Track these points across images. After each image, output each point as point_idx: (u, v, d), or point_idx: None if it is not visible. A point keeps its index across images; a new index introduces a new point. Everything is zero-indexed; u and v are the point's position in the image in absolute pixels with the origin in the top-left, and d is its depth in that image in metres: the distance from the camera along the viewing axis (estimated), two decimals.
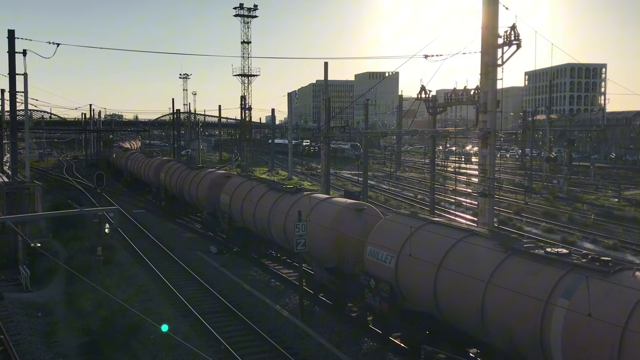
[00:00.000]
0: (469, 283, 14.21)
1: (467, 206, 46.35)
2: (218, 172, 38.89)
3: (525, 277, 13.11)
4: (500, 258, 14.04)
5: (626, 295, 11.07)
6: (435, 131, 32.51)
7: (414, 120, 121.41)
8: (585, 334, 11.32)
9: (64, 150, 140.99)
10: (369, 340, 18.86)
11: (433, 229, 16.86)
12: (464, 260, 14.85)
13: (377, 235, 18.58)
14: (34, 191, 29.64)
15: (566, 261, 12.86)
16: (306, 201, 23.42)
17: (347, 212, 21.16)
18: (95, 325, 19.19)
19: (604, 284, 11.48)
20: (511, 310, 13.13)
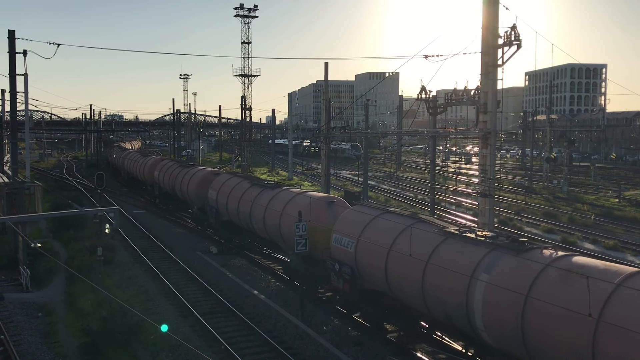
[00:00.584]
0: (412, 263, 16.14)
1: (468, 206, 46.36)
2: (207, 169, 40.23)
3: (456, 256, 15.03)
4: (438, 241, 16.03)
5: (531, 268, 13.09)
6: (435, 131, 32.49)
7: (414, 121, 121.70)
8: (498, 302, 13.34)
9: (64, 150, 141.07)
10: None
11: (388, 217, 18.92)
12: (409, 243, 16.55)
13: (341, 224, 20.41)
14: (34, 191, 29.64)
15: (490, 242, 14.77)
16: (283, 195, 25.73)
17: (318, 205, 23.03)
18: (96, 326, 19.18)
19: (516, 260, 13.60)
20: (444, 285, 15.05)
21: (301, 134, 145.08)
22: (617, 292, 11.28)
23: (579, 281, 11.86)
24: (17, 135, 37.06)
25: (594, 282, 11.45)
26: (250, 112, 79.91)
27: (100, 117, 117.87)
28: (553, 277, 12.59)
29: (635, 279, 11.52)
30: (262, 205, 26.62)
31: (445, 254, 15.43)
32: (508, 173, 77.66)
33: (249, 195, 28.65)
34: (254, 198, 27.91)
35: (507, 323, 13.10)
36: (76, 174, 78.12)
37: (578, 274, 12.11)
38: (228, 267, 28.48)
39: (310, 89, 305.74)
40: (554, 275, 12.60)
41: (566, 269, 12.51)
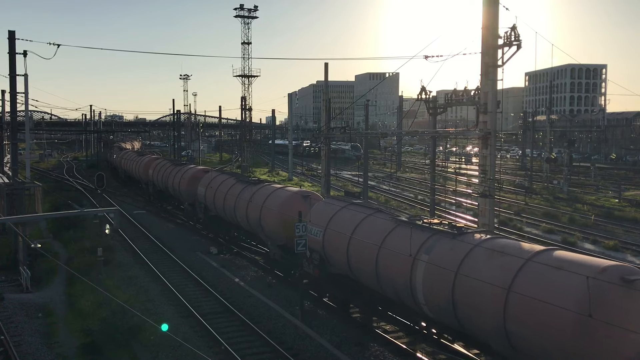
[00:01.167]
0: (368, 248, 18.12)
1: (468, 207, 46.35)
2: (197, 167, 42.62)
3: (404, 241, 16.69)
4: (391, 228, 17.97)
5: (462, 248, 14.98)
6: (435, 132, 32.48)
7: (414, 121, 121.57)
8: (435, 278, 15.25)
9: (64, 151, 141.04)
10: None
11: (352, 208, 21.02)
12: (367, 231, 18.74)
13: (312, 215, 22.51)
14: (34, 192, 29.68)
15: (432, 228, 16.74)
16: (263, 190, 27.95)
17: (294, 198, 25.40)
18: (96, 326, 19.17)
19: (452, 242, 15.53)
20: (393, 266, 16.94)
21: (301, 134, 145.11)
22: (525, 266, 13.11)
23: (497, 258, 13.82)
24: (17, 135, 37.04)
25: (509, 258, 13.39)
26: (250, 112, 80.00)
27: (101, 118, 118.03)
28: (478, 255, 14.49)
29: (542, 255, 13.31)
30: (245, 199, 28.72)
31: (395, 239, 17.33)
32: (508, 173, 77.67)
33: (234, 191, 30.71)
34: (238, 193, 29.97)
35: (441, 297, 15.06)
36: (76, 174, 78.12)
37: (497, 251, 14.01)
38: (228, 268, 28.49)
39: (310, 90, 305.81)
40: (479, 254, 14.51)
41: (490, 248, 14.43)
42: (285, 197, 25.73)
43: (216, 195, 32.73)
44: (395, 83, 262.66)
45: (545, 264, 12.83)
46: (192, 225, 39.31)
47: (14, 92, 31.11)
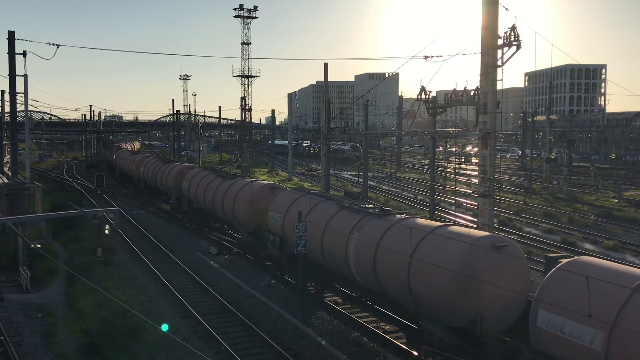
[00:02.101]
0: (316, 229, 21.16)
1: (468, 207, 46.35)
2: (183, 164, 46.14)
3: (343, 222, 20.20)
4: (334, 212, 21.25)
5: (383, 226, 18.23)
6: (435, 132, 32.49)
7: (414, 121, 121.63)
8: (362, 251, 18.44)
9: (64, 151, 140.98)
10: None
11: (307, 197, 23.90)
12: (315, 215, 21.92)
13: (275, 204, 25.89)
14: (34, 192, 29.63)
15: (365, 210, 20.11)
16: (238, 184, 31.46)
17: (262, 190, 29.02)
18: (96, 326, 19.16)
19: (378, 221, 18.78)
20: (334, 243, 20.22)
21: (301, 134, 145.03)
22: (425, 237, 16.36)
23: (406, 232, 16.75)
24: (17, 136, 37.01)
25: (415, 232, 16.57)
26: (250, 112, 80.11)
27: (100, 118, 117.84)
28: (394, 231, 17.69)
29: (439, 229, 16.71)
30: (222, 192, 32.33)
31: (336, 221, 20.65)
32: (508, 173, 77.66)
33: (213, 184, 34.29)
34: (216, 187, 33.58)
35: (367, 266, 18.27)
36: (76, 174, 78.11)
37: (407, 227, 17.02)
38: (228, 268, 28.49)
39: (310, 90, 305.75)
40: (394, 230, 17.73)
41: (403, 225, 17.61)
42: (255, 189, 29.18)
43: (198, 189, 36.36)
44: (395, 83, 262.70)
45: (439, 235, 16.27)
46: (195, 227, 39.38)
47: (14, 92, 31.08)
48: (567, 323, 12.02)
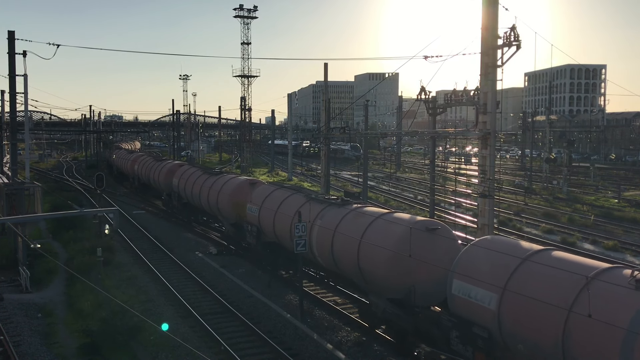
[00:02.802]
0: (286, 219, 23.63)
1: (468, 207, 46.35)
2: (174, 162, 48.92)
3: (308, 211, 22.27)
4: (302, 203, 23.45)
5: (341, 214, 20.72)
6: (435, 132, 32.48)
7: (414, 121, 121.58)
8: (322, 235, 20.91)
9: (63, 151, 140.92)
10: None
11: (281, 191, 26.52)
12: (286, 206, 24.27)
13: (253, 197, 28.12)
14: (33, 192, 29.63)
15: (327, 201, 22.65)
16: (221, 179, 33.88)
17: (243, 185, 31.43)
18: (95, 326, 19.16)
19: (337, 210, 21.28)
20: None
21: (301, 134, 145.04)
22: (372, 222, 18.81)
23: (359, 218, 19.50)
24: (17, 135, 37.02)
25: (365, 218, 19.22)
26: (249, 112, 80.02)
27: (100, 118, 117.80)
28: (349, 218, 20.08)
29: (385, 215, 19.20)
30: (207, 187, 34.72)
31: (303, 211, 22.61)
32: (508, 174, 77.66)
33: (200, 180, 36.74)
34: (202, 182, 35.99)
35: (326, 249, 20.62)
36: (76, 174, 78.12)
37: (360, 214, 19.73)
38: (227, 268, 28.49)
39: (309, 90, 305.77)
40: (349, 217, 20.11)
41: (357, 212, 20.08)
42: (236, 184, 31.70)
43: (186, 184, 38.91)
44: (395, 83, 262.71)
45: (385, 220, 18.67)
46: (191, 225, 39.72)
47: (14, 92, 31.09)
48: (473, 289, 14.26)
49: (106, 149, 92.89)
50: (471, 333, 14.41)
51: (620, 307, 11.12)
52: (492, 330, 13.84)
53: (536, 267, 13.17)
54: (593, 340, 11.28)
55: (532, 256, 13.67)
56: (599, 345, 11.12)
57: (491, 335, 13.91)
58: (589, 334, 11.38)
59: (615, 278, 11.84)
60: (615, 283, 11.59)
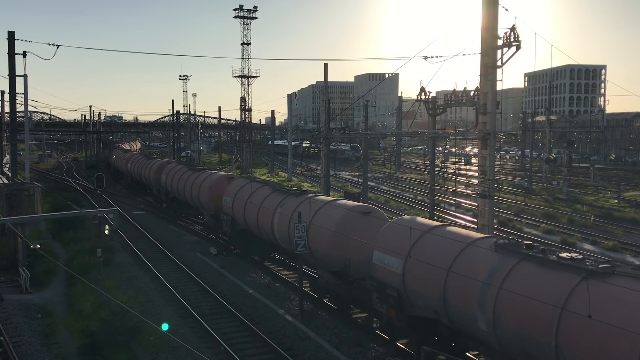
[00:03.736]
0: (253, 208, 27.43)
1: (467, 207, 46.35)
2: (163, 160, 52.77)
3: (271, 201, 26.24)
4: (268, 194, 27.19)
5: (296, 202, 24.16)
6: (435, 132, 32.49)
7: (414, 122, 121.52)
8: (282, 221, 24.36)
9: (63, 151, 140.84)
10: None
11: (250, 184, 30.13)
12: (254, 197, 28.03)
13: (228, 190, 31.72)
14: (33, 192, 29.61)
15: (287, 192, 26.36)
16: (202, 175, 37.46)
17: (221, 180, 34.77)
18: (95, 327, 19.15)
19: (294, 199, 24.77)
20: (264, 218, 26.26)
21: (301, 135, 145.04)
22: (320, 208, 22.28)
23: (310, 205, 22.76)
24: (17, 136, 37.02)
25: (315, 205, 22.70)
26: (249, 113, 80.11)
27: (100, 119, 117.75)
28: (304, 205, 23.18)
29: (332, 202, 22.81)
30: (190, 182, 38.04)
31: (268, 201, 26.45)
32: (507, 174, 77.64)
33: (184, 176, 40.13)
34: (186, 178, 39.45)
35: (284, 233, 24.15)
36: (76, 175, 78.11)
37: (312, 201, 23.04)
38: (227, 268, 28.49)
39: (309, 90, 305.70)
40: (304, 204, 23.21)
41: (310, 200, 23.33)
42: (215, 179, 35.16)
43: (173, 180, 42.22)
44: (395, 84, 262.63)
45: (330, 205, 22.20)
46: (192, 227, 39.84)
47: (14, 92, 31.11)
48: (387, 257, 17.44)
49: (106, 149, 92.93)
50: (385, 293, 17.54)
51: (481, 265, 14.33)
52: (400, 290, 17.02)
53: (432, 238, 16.54)
54: (462, 290, 14.45)
55: (431, 230, 16.92)
56: (466, 294, 14.35)
57: (399, 294, 17.08)
58: (460, 286, 14.57)
59: (484, 244, 14.97)
60: (483, 247, 14.77)
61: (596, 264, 12.32)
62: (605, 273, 11.86)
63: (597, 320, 10.84)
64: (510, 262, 13.63)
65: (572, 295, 11.76)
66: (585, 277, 11.83)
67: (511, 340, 13.19)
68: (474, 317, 14.05)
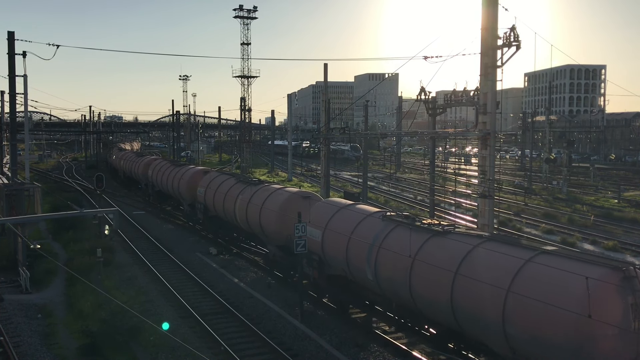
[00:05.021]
0: (220, 196, 32.66)
1: (467, 207, 46.34)
2: (150, 157, 57.62)
3: (234, 190, 31.28)
4: (233, 184, 32.34)
5: (253, 191, 28.93)
6: (434, 132, 32.47)
7: (414, 122, 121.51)
8: (241, 206, 29.17)
9: (63, 151, 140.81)
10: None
11: (220, 176, 35.64)
12: (223, 187, 33.03)
13: (202, 182, 36.47)
14: (33, 193, 29.59)
15: (247, 181, 31.40)
16: (183, 169, 42.10)
17: (197, 174, 39.19)
18: (95, 327, 19.15)
19: (251, 187, 29.61)
20: (228, 203, 31.22)
21: (301, 135, 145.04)
22: (270, 195, 27.32)
23: (264, 194, 27.67)
24: (17, 136, 36.99)
25: (265, 192, 27.88)
26: (249, 113, 79.93)
27: (100, 119, 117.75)
28: (259, 193, 28.38)
29: (278, 190, 27.78)
30: (172, 176, 42.50)
31: (232, 190, 31.44)
32: (507, 174, 77.64)
33: (167, 171, 44.57)
34: (169, 172, 43.91)
35: (242, 216, 29.01)
36: (76, 175, 78.10)
37: (267, 191, 27.78)
38: (227, 268, 28.49)
39: (309, 90, 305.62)
40: (259, 192, 28.39)
41: (263, 189, 28.58)
42: (192, 172, 39.97)
43: (157, 175, 46.80)
44: (395, 84, 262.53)
45: (277, 192, 27.17)
46: (192, 226, 39.86)
47: (13, 92, 31.08)
48: (313, 230, 21.75)
49: (106, 149, 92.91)
50: (311, 258, 22.31)
51: (369, 230, 19.00)
52: (320, 255, 21.71)
53: (342, 213, 21.26)
54: (357, 251, 19.05)
55: (343, 207, 21.69)
56: (359, 253, 18.95)
57: (320, 258, 21.83)
58: (355, 248, 19.21)
59: (376, 216, 19.63)
60: (375, 217, 19.53)
61: (442, 227, 16.93)
62: (445, 232, 16.56)
63: (429, 264, 15.78)
64: (389, 228, 18.23)
65: (421, 249, 16.36)
66: (432, 235, 16.55)
67: (386, 284, 17.79)
68: (364, 270, 18.65)
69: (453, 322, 15.14)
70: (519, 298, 12.73)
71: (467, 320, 14.61)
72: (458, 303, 14.58)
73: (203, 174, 38.47)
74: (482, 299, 13.80)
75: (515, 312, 12.85)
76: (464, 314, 14.57)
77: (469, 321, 14.55)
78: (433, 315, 16.31)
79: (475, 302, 14.09)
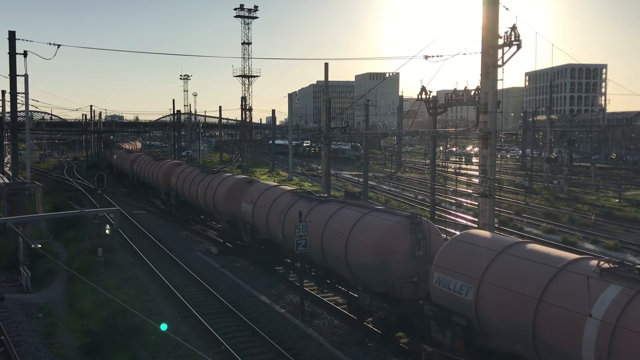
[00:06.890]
0: (188, 184, 39.27)
1: (468, 207, 46.33)
2: (137, 153, 65.36)
3: (202, 180, 37.01)
4: (197, 173, 39.39)
5: (212, 178, 35.85)
6: (435, 132, 32.49)
7: (415, 121, 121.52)
8: (209, 193, 34.16)
9: (64, 151, 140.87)
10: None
11: (189, 168, 42.19)
12: (192, 177, 39.65)
13: (174, 173, 43.14)
14: (34, 192, 29.64)
15: (212, 174, 36.64)
16: (160, 163, 48.56)
17: (171, 166, 45.23)
18: (96, 326, 19.17)
19: (212, 176, 36.15)
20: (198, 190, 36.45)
21: (301, 134, 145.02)
22: (223, 181, 33.60)
23: (218, 180, 33.69)
24: (18, 136, 37.03)
25: (220, 178, 34.21)
26: (250, 112, 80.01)
27: (101, 118, 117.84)
28: (216, 180, 34.20)
29: (230, 177, 34.48)
30: (152, 169, 49.25)
31: (196, 179, 38.06)
32: (508, 173, 77.61)
33: (149, 164, 51.26)
34: (153, 166, 49.71)
35: (210, 201, 34.27)
36: (76, 174, 78.17)
37: (219, 178, 33.94)
38: (228, 268, 28.49)
39: (310, 90, 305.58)
40: (216, 179, 34.21)
41: (218, 178, 34.26)
42: (167, 165, 46.16)
43: (141, 168, 53.97)
44: (396, 83, 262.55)
45: (228, 179, 32.91)
46: (191, 226, 39.86)
47: (14, 92, 31.13)
48: (246, 205, 28.13)
49: (107, 149, 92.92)
50: (246, 227, 28.54)
51: (282, 203, 25.37)
52: (252, 224, 28.01)
53: (270, 191, 27.51)
54: (273, 219, 25.32)
55: (270, 187, 28.32)
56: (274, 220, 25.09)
57: (252, 226, 27.99)
58: (272, 216, 25.34)
59: (290, 192, 25.80)
60: (287, 193, 25.94)
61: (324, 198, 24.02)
62: (324, 201, 23.29)
63: (312, 223, 21.24)
64: (294, 200, 24.64)
65: (310, 212, 22.09)
66: (317, 203, 23.10)
67: (289, 240, 22.28)
68: (278, 232, 24.82)
69: (324, 261, 21.55)
70: (353, 238, 19.35)
71: (330, 258, 20.95)
72: (326, 248, 20.97)
73: (176, 166, 44.96)
74: (336, 243, 20.27)
75: (351, 248, 19.37)
76: (329, 255, 20.94)
77: (331, 259, 20.91)
78: (316, 260, 22.30)
79: (333, 245, 20.49)
